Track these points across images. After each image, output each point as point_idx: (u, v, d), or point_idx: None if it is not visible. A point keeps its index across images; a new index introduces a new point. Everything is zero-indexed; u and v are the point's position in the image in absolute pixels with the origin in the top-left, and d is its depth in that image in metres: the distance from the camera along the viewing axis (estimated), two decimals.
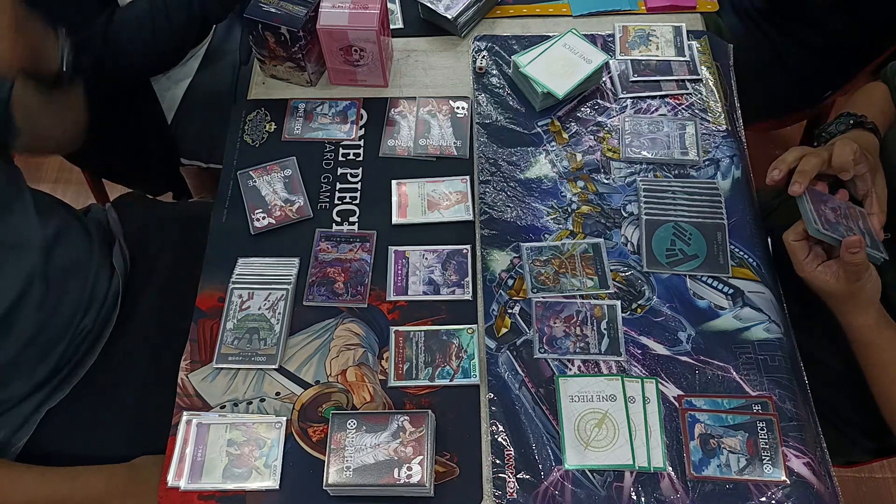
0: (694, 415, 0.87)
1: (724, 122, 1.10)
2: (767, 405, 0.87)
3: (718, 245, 0.99)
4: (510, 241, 1.00)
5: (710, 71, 1.16)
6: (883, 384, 0.88)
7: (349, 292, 0.97)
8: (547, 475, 0.84)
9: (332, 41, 1.08)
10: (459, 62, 1.19)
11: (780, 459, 0.84)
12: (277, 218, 1.03)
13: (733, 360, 0.91)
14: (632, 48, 1.18)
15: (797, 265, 0.88)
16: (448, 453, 0.86)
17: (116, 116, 1.28)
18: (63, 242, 1.01)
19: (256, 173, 1.07)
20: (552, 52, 1.12)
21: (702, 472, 0.84)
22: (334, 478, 0.81)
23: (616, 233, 1.01)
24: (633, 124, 1.10)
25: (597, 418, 0.87)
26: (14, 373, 0.95)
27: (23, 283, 0.94)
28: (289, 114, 1.13)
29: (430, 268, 0.99)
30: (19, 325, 0.94)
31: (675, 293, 0.96)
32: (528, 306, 0.95)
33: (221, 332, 0.94)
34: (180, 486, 0.84)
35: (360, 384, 0.91)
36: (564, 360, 0.91)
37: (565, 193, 1.05)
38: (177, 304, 1.05)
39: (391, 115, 1.13)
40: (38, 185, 1.09)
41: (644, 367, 0.90)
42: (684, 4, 1.23)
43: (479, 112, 1.13)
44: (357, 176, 1.08)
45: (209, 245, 1.02)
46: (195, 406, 0.90)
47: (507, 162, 1.07)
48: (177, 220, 1.23)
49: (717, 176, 1.05)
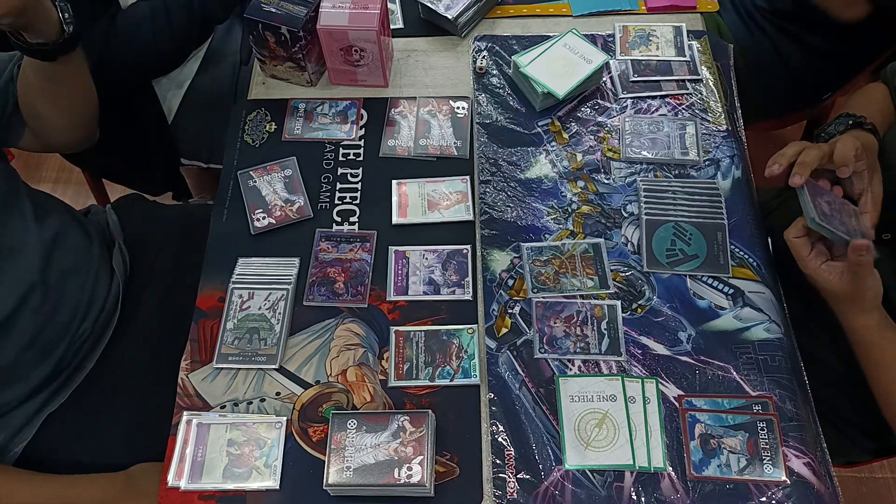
0: (694, 415, 0.87)
1: (725, 122, 1.10)
2: (768, 405, 0.87)
3: (719, 245, 0.99)
4: (510, 241, 1.00)
5: (711, 71, 1.16)
6: (884, 384, 0.88)
7: (349, 292, 0.97)
8: (547, 475, 0.84)
9: (333, 41, 1.08)
10: (460, 62, 1.19)
11: (780, 459, 0.84)
12: (278, 218, 1.03)
13: (733, 360, 0.91)
14: (632, 48, 1.18)
15: (801, 262, 0.87)
16: (448, 453, 0.86)
17: (117, 117, 1.28)
18: (62, 245, 1.00)
19: (257, 173, 1.07)
20: (552, 52, 1.12)
21: (702, 472, 0.84)
22: (334, 478, 0.81)
23: (616, 233, 1.01)
24: (634, 124, 1.10)
25: (597, 418, 0.87)
26: (12, 376, 0.95)
27: (23, 288, 0.94)
28: (289, 114, 1.13)
29: (430, 268, 0.99)
30: (18, 328, 0.93)
31: (675, 293, 0.96)
32: (529, 306, 0.95)
33: (222, 332, 0.94)
34: (180, 486, 0.84)
35: (361, 384, 0.91)
36: (565, 360, 0.91)
37: (565, 193, 1.05)
38: (177, 305, 1.05)
39: (391, 115, 1.13)
40: (38, 184, 1.09)
41: (644, 367, 0.90)
42: (684, 4, 1.23)
43: (479, 112, 1.13)
44: (357, 176, 1.08)
45: (209, 245, 1.02)
46: (195, 406, 0.90)
47: (507, 162, 1.07)
48: (177, 220, 1.23)
49: (717, 176, 1.05)
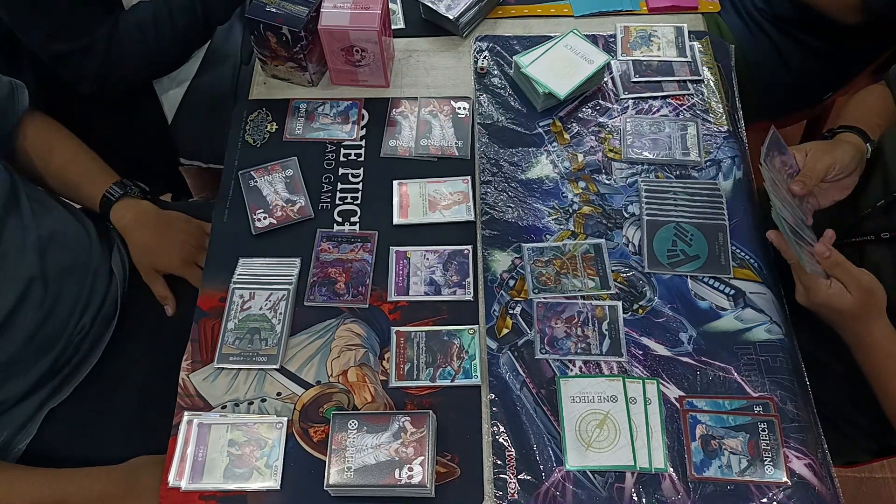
0: (695, 416, 0.87)
1: (726, 123, 1.10)
2: (769, 406, 0.87)
3: (720, 246, 0.99)
4: (511, 241, 1.00)
5: (712, 71, 1.15)
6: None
7: (350, 292, 0.97)
8: (548, 476, 0.84)
9: (334, 41, 1.08)
10: (461, 62, 1.19)
11: (781, 460, 0.84)
12: (279, 218, 1.03)
13: (735, 361, 0.91)
14: (633, 49, 1.18)
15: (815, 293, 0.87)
16: (449, 454, 0.86)
17: (116, 116, 1.28)
18: (60, 243, 1.01)
19: (258, 173, 1.07)
20: (554, 53, 1.12)
21: (703, 473, 0.84)
22: (335, 478, 0.80)
23: (617, 233, 1.01)
24: (635, 125, 1.10)
25: (598, 419, 0.87)
26: (13, 371, 0.95)
27: (23, 285, 0.94)
28: (290, 114, 1.13)
29: (431, 268, 0.99)
30: (19, 324, 0.94)
31: (676, 294, 0.96)
32: (530, 307, 0.95)
33: (223, 332, 0.94)
34: (181, 487, 0.84)
35: (362, 384, 0.91)
36: (566, 361, 0.91)
37: (567, 194, 1.05)
38: (180, 306, 1.05)
39: (392, 116, 1.13)
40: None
41: (645, 367, 0.90)
42: (686, 5, 1.23)
43: (480, 112, 1.12)
44: (358, 176, 1.08)
45: (210, 245, 1.03)
46: (196, 406, 0.90)
47: (508, 162, 1.07)
48: None
49: (718, 177, 1.05)
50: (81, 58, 1.08)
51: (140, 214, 1.09)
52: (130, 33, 1.10)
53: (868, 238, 0.99)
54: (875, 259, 0.97)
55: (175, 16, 1.11)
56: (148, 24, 1.10)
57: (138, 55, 1.12)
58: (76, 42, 1.07)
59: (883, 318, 0.87)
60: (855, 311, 0.86)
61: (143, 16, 1.11)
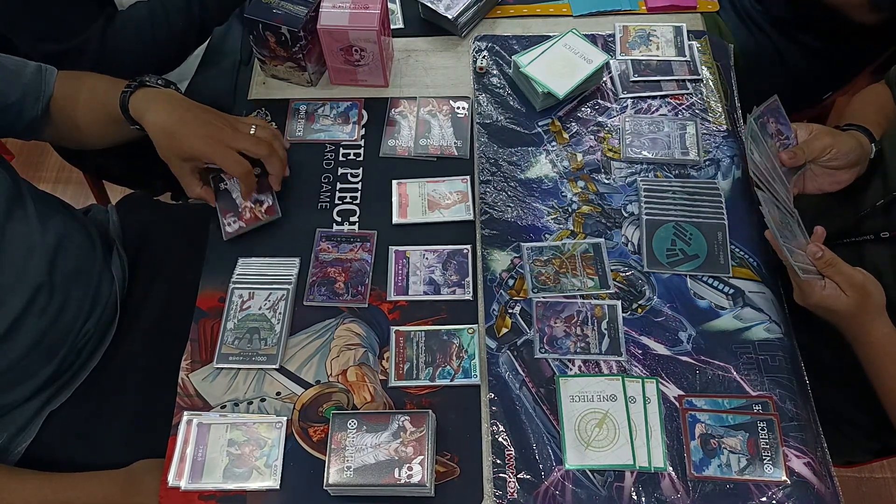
0: (694, 415, 0.87)
1: (725, 122, 1.10)
2: (768, 405, 0.87)
3: (719, 245, 0.99)
4: (511, 241, 1.00)
5: (711, 71, 1.16)
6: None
7: (350, 292, 0.97)
8: (547, 475, 0.84)
9: (333, 41, 1.08)
10: (460, 62, 1.19)
11: (780, 459, 0.84)
12: (247, 220, 1.01)
13: (734, 360, 0.91)
14: (632, 48, 1.18)
15: (810, 295, 0.87)
16: (449, 453, 0.86)
17: None
18: (66, 248, 1.00)
19: (227, 175, 1.03)
20: (553, 52, 1.12)
21: (702, 472, 0.84)
22: (335, 478, 0.80)
23: (616, 233, 1.01)
24: (634, 124, 1.10)
25: (597, 418, 0.87)
26: (19, 376, 0.95)
27: (31, 291, 0.93)
28: (291, 115, 1.13)
29: (430, 268, 0.99)
30: (25, 330, 0.93)
31: (675, 293, 0.96)
32: (529, 306, 0.95)
33: (222, 332, 0.94)
34: (181, 486, 0.84)
35: (361, 384, 0.91)
36: (565, 360, 0.91)
37: (566, 193, 1.05)
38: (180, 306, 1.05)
39: (392, 115, 1.13)
40: (37, 184, 1.08)
41: (645, 367, 0.91)
42: (685, 4, 1.23)
43: (479, 112, 1.13)
44: (357, 176, 1.08)
45: (210, 245, 1.02)
46: (196, 406, 0.90)
47: (507, 162, 1.08)
48: (180, 221, 1.23)
49: (717, 176, 1.06)
50: (74, 58, 1.07)
51: (159, 95, 0.97)
52: (126, 34, 1.09)
53: (867, 238, 0.99)
54: (874, 259, 0.97)
55: (171, 16, 1.11)
56: (144, 25, 1.10)
57: (134, 56, 1.11)
58: (68, 42, 1.06)
59: (882, 316, 0.87)
60: (851, 310, 0.86)
61: (139, 15, 1.10)
